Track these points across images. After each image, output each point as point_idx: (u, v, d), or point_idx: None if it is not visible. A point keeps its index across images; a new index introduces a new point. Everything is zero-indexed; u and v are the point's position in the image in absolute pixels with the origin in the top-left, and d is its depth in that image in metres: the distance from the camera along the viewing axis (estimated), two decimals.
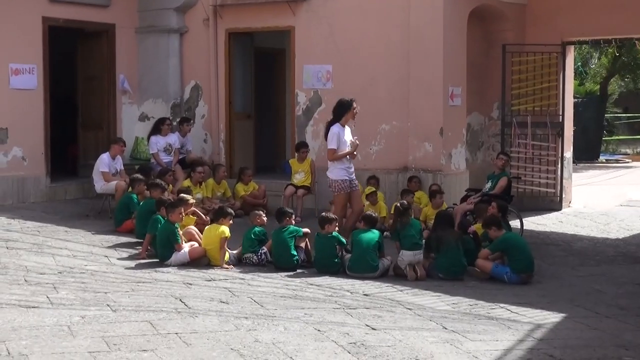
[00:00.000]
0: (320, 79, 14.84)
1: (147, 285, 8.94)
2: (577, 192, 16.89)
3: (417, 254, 10.05)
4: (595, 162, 27.51)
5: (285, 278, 9.77)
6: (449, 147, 14.03)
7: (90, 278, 9.17)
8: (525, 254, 10.01)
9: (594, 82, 31.95)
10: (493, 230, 10.23)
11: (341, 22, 14.56)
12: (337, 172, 11.24)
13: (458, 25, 14.10)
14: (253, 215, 10.94)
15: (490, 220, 10.48)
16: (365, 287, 9.35)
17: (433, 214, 11.93)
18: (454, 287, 9.57)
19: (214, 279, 9.46)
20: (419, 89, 13.84)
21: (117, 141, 14.07)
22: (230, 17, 15.58)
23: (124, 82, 15.91)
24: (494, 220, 10.44)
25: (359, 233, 10.23)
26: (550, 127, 15.31)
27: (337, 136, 11.16)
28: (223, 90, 15.78)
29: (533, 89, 15.36)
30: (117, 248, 11.10)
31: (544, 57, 15.23)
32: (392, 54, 14.12)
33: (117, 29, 15.83)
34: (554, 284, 9.98)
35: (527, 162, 15.45)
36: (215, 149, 15.93)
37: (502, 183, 12.73)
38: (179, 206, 10.51)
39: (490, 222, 10.40)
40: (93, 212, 13.60)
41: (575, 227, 14.06)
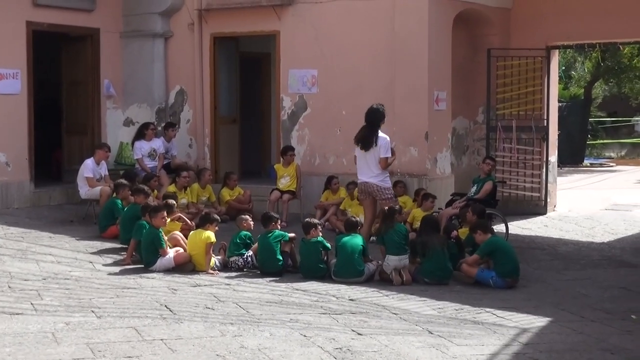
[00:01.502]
0: (306, 83, 14.84)
1: (132, 291, 8.90)
2: (561, 196, 16.94)
3: (402, 259, 10.05)
4: (580, 166, 27.61)
5: (271, 283, 9.75)
6: (434, 152, 14.05)
7: (75, 284, 9.12)
8: (511, 258, 10.03)
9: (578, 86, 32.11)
10: (479, 234, 10.25)
11: (326, 26, 14.57)
12: (388, 180, 11.57)
13: (443, 30, 14.13)
14: (239, 219, 10.92)
15: (476, 224, 10.51)
16: (351, 292, 9.34)
17: (421, 217, 11.95)
18: (439, 291, 9.57)
19: (199, 285, 9.43)
20: (404, 93, 13.86)
21: (101, 146, 14.02)
22: (215, 21, 15.57)
23: (109, 87, 15.86)
24: (479, 224, 10.47)
25: (343, 238, 10.23)
26: (535, 131, 15.36)
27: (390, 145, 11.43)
28: (208, 94, 15.75)
29: (518, 93, 15.41)
30: (101, 254, 11.05)
31: (529, 61, 15.28)
32: (378, 59, 14.13)
33: (101, 34, 15.79)
34: (540, 288, 10.00)
35: (512, 166, 15.48)
36: (200, 153, 15.89)
37: (487, 187, 12.75)
38: (161, 210, 10.48)
39: (476, 225, 10.43)
40: (77, 217, 13.55)
41: (560, 231, 14.11)
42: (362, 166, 11.50)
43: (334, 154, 14.60)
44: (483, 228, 10.30)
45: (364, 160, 11.46)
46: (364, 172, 11.49)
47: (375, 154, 11.36)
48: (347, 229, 10.47)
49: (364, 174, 11.49)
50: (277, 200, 13.85)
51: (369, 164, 11.41)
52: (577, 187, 20.85)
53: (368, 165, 11.42)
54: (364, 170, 11.48)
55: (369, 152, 11.38)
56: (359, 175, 11.60)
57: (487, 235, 10.20)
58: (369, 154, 11.39)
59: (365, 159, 11.43)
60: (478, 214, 11.07)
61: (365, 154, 11.40)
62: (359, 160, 11.55)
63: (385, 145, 11.37)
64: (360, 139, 11.46)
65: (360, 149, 11.45)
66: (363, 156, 11.45)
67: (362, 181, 11.52)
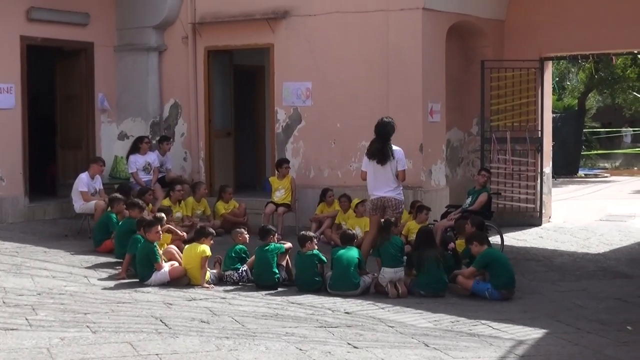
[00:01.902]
0: (300, 96, 14.85)
1: (127, 306, 8.88)
2: (556, 207, 16.95)
3: (398, 271, 10.05)
4: (574, 176, 27.64)
5: (267, 297, 9.74)
6: (428, 164, 14.07)
7: (70, 299, 9.09)
8: (507, 270, 10.03)
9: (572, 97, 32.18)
10: (475, 246, 10.24)
11: (320, 39, 14.59)
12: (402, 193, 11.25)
13: (437, 42, 14.16)
14: (235, 233, 10.91)
15: (472, 235, 10.50)
16: (346, 305, 9.33)
17: (416, 229, 11.94)
18: (435, 304, 9.56)
19: (194, 299, 9.41)
20: (398, 105, 13.87)
21: (96, 160, 14.01)
22: (209, 35, 15.58)
23: (103, 101, 15.86)
24: (475, 235, 10.46)
25: (339, 250, 10.22)
26: (530, 142, 15.38)
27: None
28: (202, 108, 15.76)
29: (512, 105, 15.43)
30: (96, 268, 11.03)
31: (523, 72, 15.31)
32: (372, 71, 14.16)
33: (95, 48, 15.80)
34: (535, 299, 9.99)
35: (506, 177, 15.50)
36: (195, 167, 15.89)
37: (482, 199, 12.76)
38: (155, 225, 10.46)
39: (472, 237, 10.42)
40: (72, 232, 13.53)
41: (555, 242, 14.11)
42: (377, 181, 11.03)
43: (329, 166, 14.61)
44: (479, 239, 10.30)
45: (380, 175, 11.02)
46: (379, 187, 11.03)
47: (392, 167, 11.01)
48: (343, 241, 10.47)
49: (379, 189, 11.03)
50: (272, 213, 13.84)
51: (387, 178, 11.02)
52: (572, 198, 20.87)
53: (385, 179, 11.03)
54: (379, 185, 11.03)
55: (385, 166, 11.00)
56: (372, 191, 11.08)
57: (483, 247, 10.21)
58: (385, 168, 10.99)
59: (381, 173, 11.02)
60: (477, 226, 11.05)
61: (382, 168, 10.99)
62: (374, 175, 11.04)
63: (402, 157, 11.09)
64: (375, 153, 11.01)
65: (377, 163, 10.99)
66: (379, 170, 11.01)
67: (378, 196, 11.02)
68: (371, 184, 11.09)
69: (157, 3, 15.75)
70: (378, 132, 11.11)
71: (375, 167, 11.02)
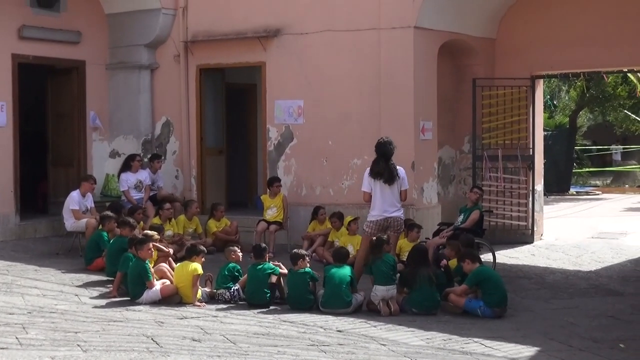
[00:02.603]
0: (292, 114, 14.87)
1: (118, 325, 8.84)
2: (548, 225, 16.96)
3: (390, 289, 10.04)
4: (566, 194, 27.66)
5: (258, 315, 9.71)
6: (420, 181, 14.08)
7: (61, 318, 9.05)
8: (499, 288, 10.03)
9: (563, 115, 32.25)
10: (467, 263, 10.24)
11: (312, 57, 14.63)
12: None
13: (428, 60, 14.21)
14: (228, 250, 10.89)
15: (464, 253, 10.51)
16: (338, 323, 9.31)
17: (408, 247, 11.94)
18: (427, 322, 9.55)
19: (186, 317, 9.38)
20: (390, 123, 13.90)
21: (87, 178, 13.98)
22: (200, 53, 15.61)
23: (95, 119, 15.85)
24: (467, 253, 10.46)
25: (331, 268, 10.21)
26: (521, 160, 15.40)
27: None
28: (194, 126, 15.77)
29: (503, 123, 15.46)
30: (87, 287, 10.99)
31: (514, 90, 15.36)
32: (363, 89, 14.19)
33: (87, 66, 15.81)
34: (527, 317, 9.99)
35: (498, 195, 15.51)
36: (186, 185, 15.88)
37: (473, 216, 12.75)
38: (147, 242, 10.44)
39: (464, 255, 10.42)
40: (63, 250, 13.49)
41: (547, 260, 14.11)
42: (385, 201, 11.02)
43: (321, 184, 14.62)
44: (471, 257, 10.31)
45: (388, 195, 11.03)
46: (387, 208, 11.02)
47: (397, 186, 11.08)
48: (336, 259, 10.45)
49: (387, 210, 11.01)
50: (264, 231, 13.83)
51: (393, 197, 11.05)
52: (564, 215, 20.89)
53: (392, 199, 11.05)
54: (387, 206, 11.02)
55: (392, 186, 11.03)
56: (380, 212, 11.01)
57: (475, 265, 10.21)
58: (392, 188, 11.03)
59: (388, 193, 11.03)
60: (467, 244, 11.05)
61: (389, 187, 11.01)
62: (381, 195, 11.02)
63: (405, 176, 11.22)
64: (382, 173, 11.01)
65: (384, 182, 10.99)
66: (386, 190, 11.02)
67: (386, 217, 11.00)
68: (379, 205, 11.04)
69: (148, 21, 15.79)
70: (381, 152, 11.13)
71: (382, 187, 11.02)
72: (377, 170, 11.06)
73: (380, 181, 11.02)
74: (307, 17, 14.67)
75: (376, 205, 11.05)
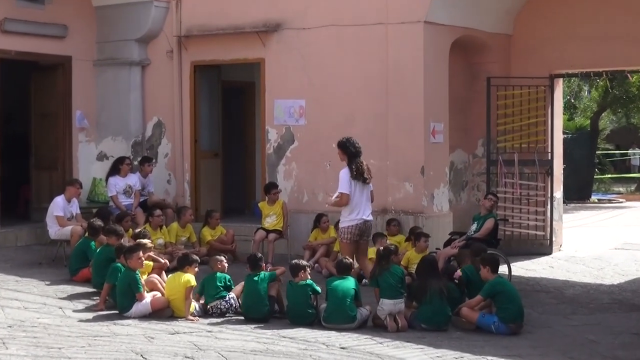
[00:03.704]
0: (293, 114, 14.88)
1: (105, 340, 8.84)
2: (568, 235, 16.95)
3: (397, 303, 10.02)
4: (587, 202, 27.67)
5: (256, 330, 9.70)
6: (430, 187, 14.07)
7: (43, 332, 9.05)
8: (515, 303, 9.97)
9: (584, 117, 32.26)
10: (487, 271, 10.11)
11: (315, 54, 14.63)
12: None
13: (439, 58, 14.21)
14: (214, 260, 10.86)
15: (488, 259, 10.32)
16: (342, 340, 9.29)
17: (416, 259, 11.93)
18: (437, 338, 9.53)
19: (178, 332, 9.37)
20: (398, 125, 13.90)
21: (72, 182, 13.97)
22: (195, 48, 15.62)
23: (81, 119, 15.87)
24: (490, 259, 10.30)
25: (334, 281, 10.20)
26: (539, 165, 15.39)
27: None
28: (188, 127, 15.77)
29: (520, 125, 15.46)
30: (72, 299, 10.99)
31: (531, 90, 15.35)
32: (370, 88, 14.19)
33: (73, 62, 15.84)
34: (546, 334, 9.96)
35: (514, 202, 15.50)
36: (179, 190, 15.88)
37: (488, 225, 12.74)
38: (136, 251, 10.42)
39: (487, 261, 10.26)
40: (46, 259, 13.49)
41: (567, 273, 14.10)
42: (363, 203, 11.23)
43: (324, 190, 14.58)
44: (493, 266, 10.18)
45: (365, 196, 11.26)
46: (366, 210, 11.24)
47: (369, 187, 11.38)
48: (339, 271, 10.43)
49: (365, 212, 11.24)
50: (263, 240, 13.82)
51: (367, 199, 11.31)
52: (585, 224, 20.88)
53: (367, 200, 11.30)
54: (365, 208, 11.24)
55: (368, 186, 11.32)
56: (360, 215, 11.18)
57: (493, 275, 10.13)
58: (367, 188, 11.32)
59: (365, 194, 11.27)
60: (477, 254, 11.00)
61: (365, 188, 11.27)
62: (360, 197, 11.21)
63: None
64: (364, 173, 11.22)
65: (364, 183, 11.23)
66: (363, 191, 11.24)
67: (365, 220, 11.23)
68: (358, 207, 11.23)
69: (139, 14, 15.81)
70: (356, 150, 11.34)
71: (361, 188, 11.25)
72: (358, 169, 11.22)
73: (360, 182, 11.21)
74: (310, 11, 14.68)
75: (355, 207, 11.23)
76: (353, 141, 11.41)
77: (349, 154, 11.32)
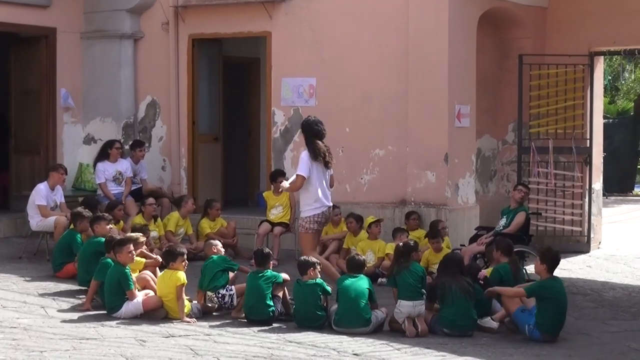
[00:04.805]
0: (302, 94, 14.88)
1: (91, 343, 8.87)
2: (608, 231, 16.94)
3: (417, 305, 10.02)
4: (629, 194, 27.63)
5: (259, 334, 9.72)
6: (455, 177, 14.06)
7: (24, 334, 9.08)
8: (560, 313, 9.84)
9: (627, 99, 32.19)
10: (544, 269, 10.02)
11: (327, 27, 14.62)
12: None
13: (466, 32, 14.19)
14: (208, 245, 11.02)
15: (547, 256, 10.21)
16: (355, 346, 9.30)
17: (436, 259, 11.93)
18: (461, 345, 9.53)
19: (173, 335, 9.40)
20: (419, 107, 13.89)
21: (56, 168, 14.00)
22: (194, 20, 15.63)
23: (66, 98, 15.88)
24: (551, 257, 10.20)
25: (346, 280, 10.20)
26: (576, 153, 15.37)
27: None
28: (185, 107, 15.79)
29: (555, 108, 15.45)
30: (55, 297, 11.02)
31: (569, 69, 15.34)
32: (388, 66, 14.18)
33: (58, 34, 15.83)
34: (582, 341, 9.96)
35: (548, 194, 15.50)
36: (175, 178, 15.90)
37: (519, 219, 12.75)
38: (127, 244, 10.41)
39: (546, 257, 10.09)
40: (27, 253, 13.53)
41: (607, 273, 14.10)
42: (324, 188, 11.48)
43: (336, 179, 14.48)
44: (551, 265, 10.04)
45: (326, 181, 11.52)
46: (328, 195, 11.52)
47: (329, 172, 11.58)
48: (350, 269, 10.43)
49: (328, 197, 11.52)
50: (267, 233, 13.83)
51: (327, 183, 11.55)
52: (626, 220, 20.86)
53: (327, 185, 11.55)
54: (327, 193, 11.51)
55: (329, 170, 11.55)
56: (323, 202, 11.44)
57: (548, 275, 10.00)
58: (329, 172, 11.55)
59: (326, 179, 11.52)
60: (504, 251, 10.99)
61: (326, 171, 11.50)
62: (322, 181, 11.45)
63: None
64: (326, 154, 11.46)
65: (326, 167, 11.46)
66: (323, 175, 11.47)
67: (328, 206, 11.50)
68: (320, 193, 11.42)
69: None
70: (318, 129, 11.51)
71: (323, 171, 11.46)
72: (321, 149, 11.40)
73: (321, 165, 11.41)
74: None
75: (317, 193, 11.41)
76: (314, 121, 11.61)
77: (310, 134, 11.52)
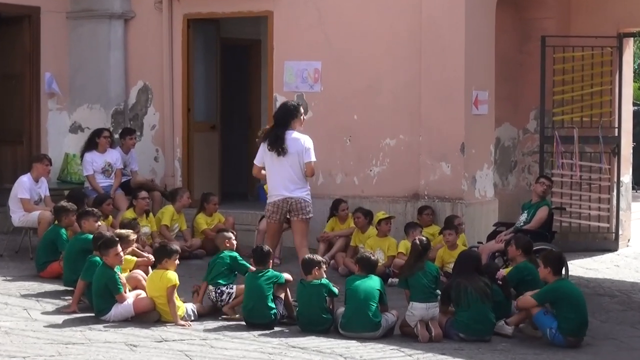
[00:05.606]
0: (306, 79, 14.86)
1: (78, 348, 8.88)
2: (637, 228, 16.92)
3: (431, 307, 10.02)
4: None
5: (259, 338, 9.73)
6: (472, 169, 14.04)
7: (5, 338, 9.09)
8: (580, 313, 9.86)
9: None
10: (548, 272, 10.06)
11: (334, 6, 14.59)
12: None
13: (484, 12, 14.16)
14: (221, 237, 11.05)
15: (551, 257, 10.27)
16: (363, 351, 9.31)
17: (451, 258, 11.91)
18: (479, 350, 9.55)
19: (166, 339, 9.41)
20: (433, 93, 13.86)
21: (41, 159, 14.00)
22: None
23: (52, 83, 15.88)
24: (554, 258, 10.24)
25: (355, 280, 10.19)
26: (603, 142, 15.36)
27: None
28: (179, 93, 15.78)
29: (581, 94, 15.43)
30: (39, 298, 11.03)
31: (595, 52, 15.33)
32: (400, 48, 14.15)
33: (42, 13, 15.84)
34: (609, 347, 9.97)
35: (573, 188, 15.49)
36: (168, 169, 15.90)
37: (541, 214, 12.73)
38: (113, 246, 10.39)
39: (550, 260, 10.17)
40: (9, 251, 13.54)
41: (636, 273, 14.11)
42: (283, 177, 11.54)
43: (342, 170, 14.59)
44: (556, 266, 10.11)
45: (286, 170, 11.54)
46: (287, 185, 11.55)
47: (299, 160, 11.52)
48: (361, 268, 10.41)
49: (284, 187, 11.57)
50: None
51: (294, 173, 11.54)
52: None
53: (292, 175, 11.54)
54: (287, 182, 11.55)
55: (291, 159, 11.51)
56: (277, 191, 11.61)
57: (554, 277, 10.03)
58: (292, 161, 11.51)
59: (287, 168, 11.52)
60: (523, 248, 10.98)
61: (286, 161, 11.50)
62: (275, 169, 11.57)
63: (310, 147, 11.57)
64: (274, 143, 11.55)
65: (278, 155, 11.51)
66: (284, 164, 11.51)
67: (286, 196, 11.54)
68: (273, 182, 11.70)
69: None
70: (275, 116, 11.92)
71: (277, 160, 11.56)
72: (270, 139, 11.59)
73: (273, 153, 11.54)
74: None
75: (270, 182, 11.75)
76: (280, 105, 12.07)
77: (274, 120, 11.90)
